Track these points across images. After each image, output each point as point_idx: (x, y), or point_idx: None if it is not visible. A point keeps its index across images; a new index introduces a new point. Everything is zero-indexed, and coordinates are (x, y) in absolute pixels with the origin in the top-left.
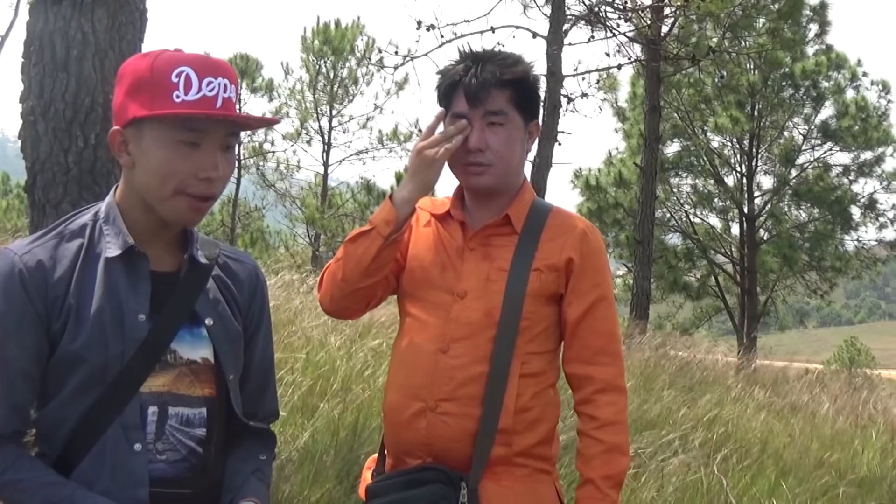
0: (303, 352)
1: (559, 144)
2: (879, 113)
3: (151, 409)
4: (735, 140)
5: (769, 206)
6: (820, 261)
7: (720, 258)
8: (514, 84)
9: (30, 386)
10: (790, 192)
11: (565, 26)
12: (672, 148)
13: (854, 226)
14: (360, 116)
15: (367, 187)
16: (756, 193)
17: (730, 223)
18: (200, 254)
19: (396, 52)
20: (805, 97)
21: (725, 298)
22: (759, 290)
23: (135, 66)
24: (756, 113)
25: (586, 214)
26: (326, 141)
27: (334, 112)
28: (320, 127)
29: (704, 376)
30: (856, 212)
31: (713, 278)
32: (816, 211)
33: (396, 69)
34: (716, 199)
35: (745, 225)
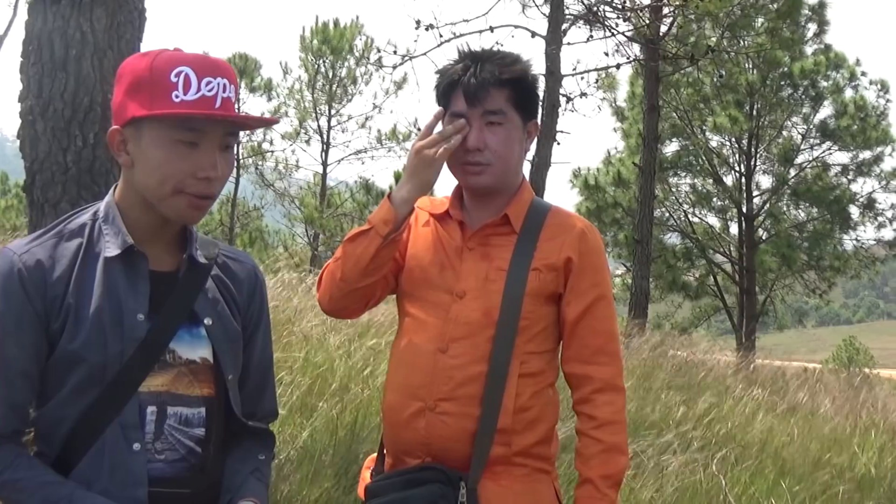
0: (302, 351)
1: (558, 144)
2: (878, 112)
3: (150, 409)
4: (734, 139)
5: (768, 205)
6: (818, 260)
7: (719, 258)
8: (512, 83)
9: (29, 385)
10: (789, 191)
11: (564, 26)
12: (671, 147)
13: (853, 225)
14: (359, 116)
15: (365, 187)
16: (755, 193)
17: (728, 223)
18: (199, 254)
19: (395, 52)
20: (804, 97)
21: (724, 298)
22: (757, 289)
23: (134, 66)
24: (755, 112)
25: (585, 214)
26: (325, 140)
27: (333, 111)
28: (319, 126)
29: (703, 376)
30: (854, 211)
31: (712, 278)
32: (815, 210)
33: (395, 69)
34: (714, 199)
35: (743, 224)
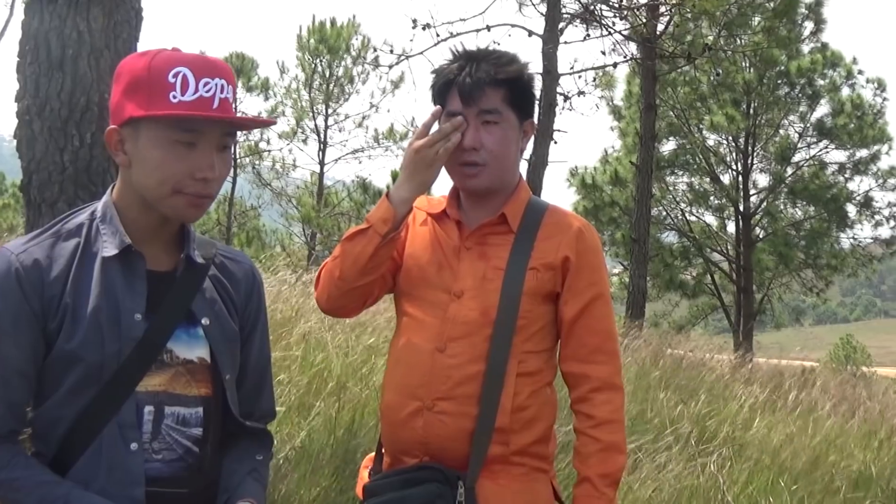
0: (299, 350)
1: (555, 143)
2: (875, 111)
3: (147, 409)
4: (731, 138)
5: (765, 204)
6: (816, 259)
7: (716, 256)
8: (508, 83)
9: (26, 385)
10: (786, 190)
11: (561, 24)
12: (668, 146)
13: (850, 224)
14: (356, 115)
15: (362, 186)
16: (752, 191)
17: (725, 221)
18: (197, 253)
19: (392, 51)
20: (800, 95)
21: (721, 296)
22: (755, 288)
23: (132, 66)
24: (752, 111)
25: (582, 213)
26: (322, 140)
27: (330, 111)
28: (316, 126)
29: (701, 375)
30: (851, 210)
31: (709, 276)
32: (812, 209)
33: (391, 68)
34: (711, 198)
35: (740, 223)
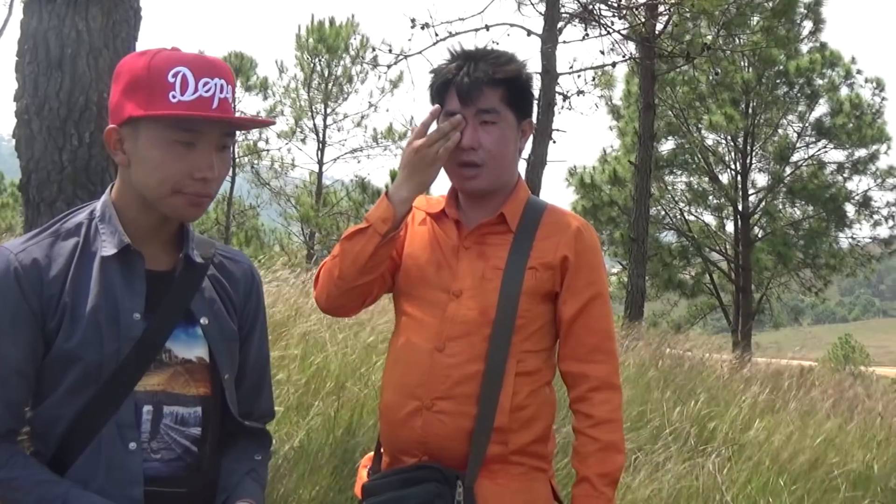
0: (299, 349)
1: (554, 142)
2: (874, 110)
3: (146, 408)
4: (729, 138)
5: (763, 203)
6: (814, 258)
7: (715, 256)
8: (506, 83)
9: (24, 384)
10: (784, 189)
11: (560, 24)
12: (666, 145)
13: (848, 223)
14: (355, 115)
15: (361, 185)
16: (750, 191)
17: (724, 221)
18: (196, 253)
19: (390, 51)
20: (799, 95)
21: (720, 296)
22: (753, 287)
23: (131, 65)
24: (750, 111)
25: (581, 212)
26: (321, 139)
27: (329, 110)
28: (315, 125)
29: (699, 374)
30: (850, 209)
31: (708, 276)
32: (811, 208)
33: (390, 68)
34: (710, 197)
35: (739, 222)
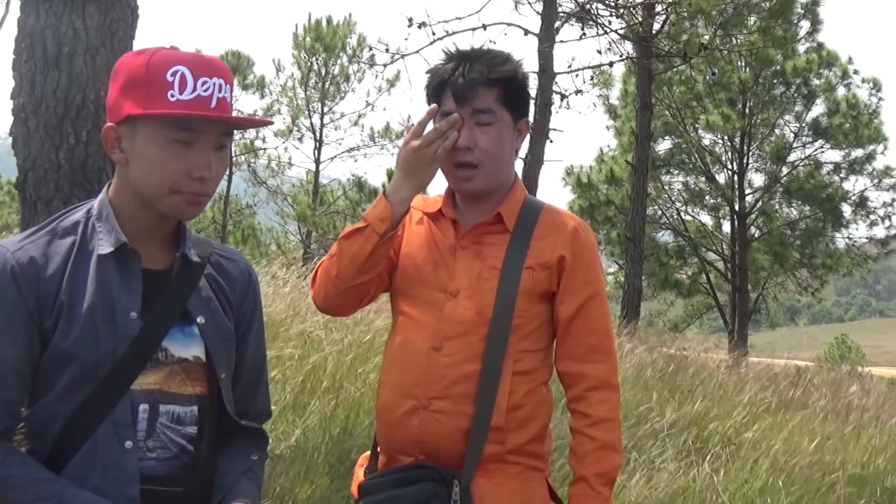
0: (296, 349)
1: (551, 142)
2: (870, 110)
3: (142, 407)
4: (726, 137)
5: (760, 203)
6: (811, 258)
7: (711, 256)
8: (502, 83)
9: (21, 383)
10: (781, 189)
11: (557, 23)
12: (663, 145)
13: (845, 223)
14: (352, 113)
15: (358, 184)
16: (747, 191)
17: (721, 221)
18: (193, 252)
19: (387, 50)
20: (796, 95)
21: (717, 296)
22: (750, 287)
23: (130, 63)
24: (747, 110)
25: (578, 212)
26: (318, 138)
27: (326, 109)
28: (312, 124)
29: (696, 374)
30: (847, 209)
31: (704, 276)
32: (807, 208)
33: (386, 67)
34: (707, 197)
35: (736, 222)
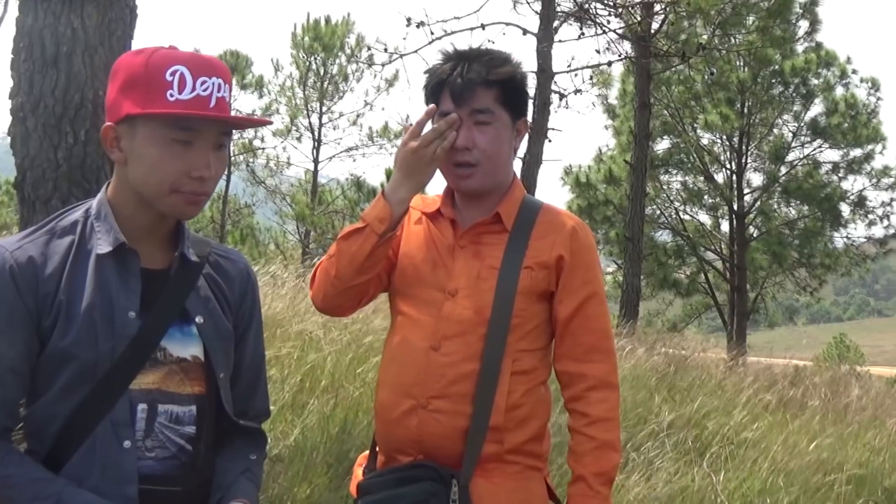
0: (295, 349)
1: (549, 141)
2: (869, 110)
3: (141, 407)
4: (725, 137)
5: (759, 203)
6: (809, 258)
7: (710, 255)
8: (500, 83)
9: (19, 382)
10: (780, 189)
11: (555, 23)
12: (662, 145)
13: (843, 223)
14: (350, 113)
15: (357, 184)
16: (746, 190)
17: (719, 220)
18: (191, 252)
19: (386, 50)
20: (795, 94)
21: (715, 295)
22: (748, 287)
23: (129, 63)
24: (746, 110)
25: (576, 211)
26: (316, 138)
27: (324, 109)
28: (310, 123)
29: (695, 373)
30: (845, 209)
31: (703, 275)
32: (806, 208)
33: (384, 66)
34: (705, 196)
35: (734, 222)
